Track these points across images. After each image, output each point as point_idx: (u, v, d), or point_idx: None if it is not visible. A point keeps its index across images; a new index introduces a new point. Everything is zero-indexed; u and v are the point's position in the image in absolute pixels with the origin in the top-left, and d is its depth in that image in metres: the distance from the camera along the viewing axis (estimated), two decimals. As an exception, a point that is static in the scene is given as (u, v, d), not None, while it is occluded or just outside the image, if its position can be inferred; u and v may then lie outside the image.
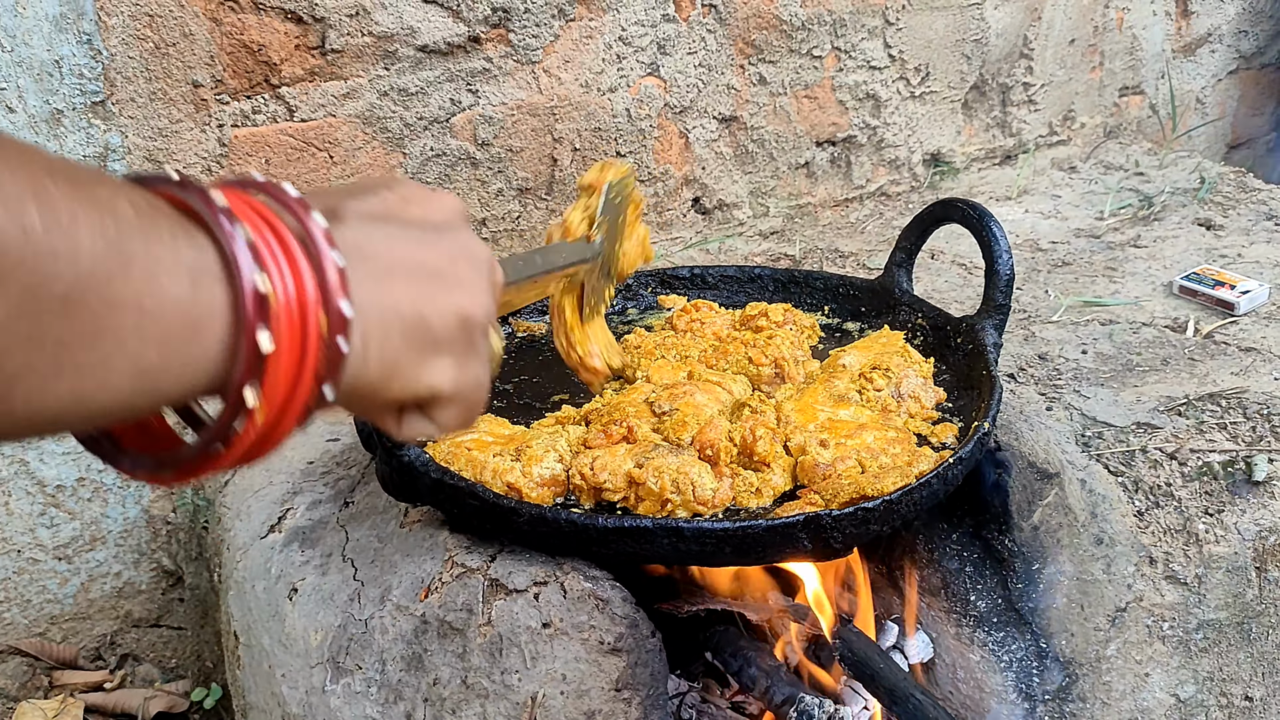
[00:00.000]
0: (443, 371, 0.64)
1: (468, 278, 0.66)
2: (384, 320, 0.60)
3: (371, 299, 0.59)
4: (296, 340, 0.55)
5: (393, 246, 0.62)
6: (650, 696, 1.09)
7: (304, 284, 0.55)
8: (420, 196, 0.68)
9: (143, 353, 0.50)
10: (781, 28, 1.99)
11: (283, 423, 0.57)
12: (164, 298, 0.50)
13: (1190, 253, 1.96)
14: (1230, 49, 2.69)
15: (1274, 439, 1.43)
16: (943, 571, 1.35)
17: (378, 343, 0.60)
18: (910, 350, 1.40)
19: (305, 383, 0.56)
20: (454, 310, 0.64)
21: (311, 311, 0.55)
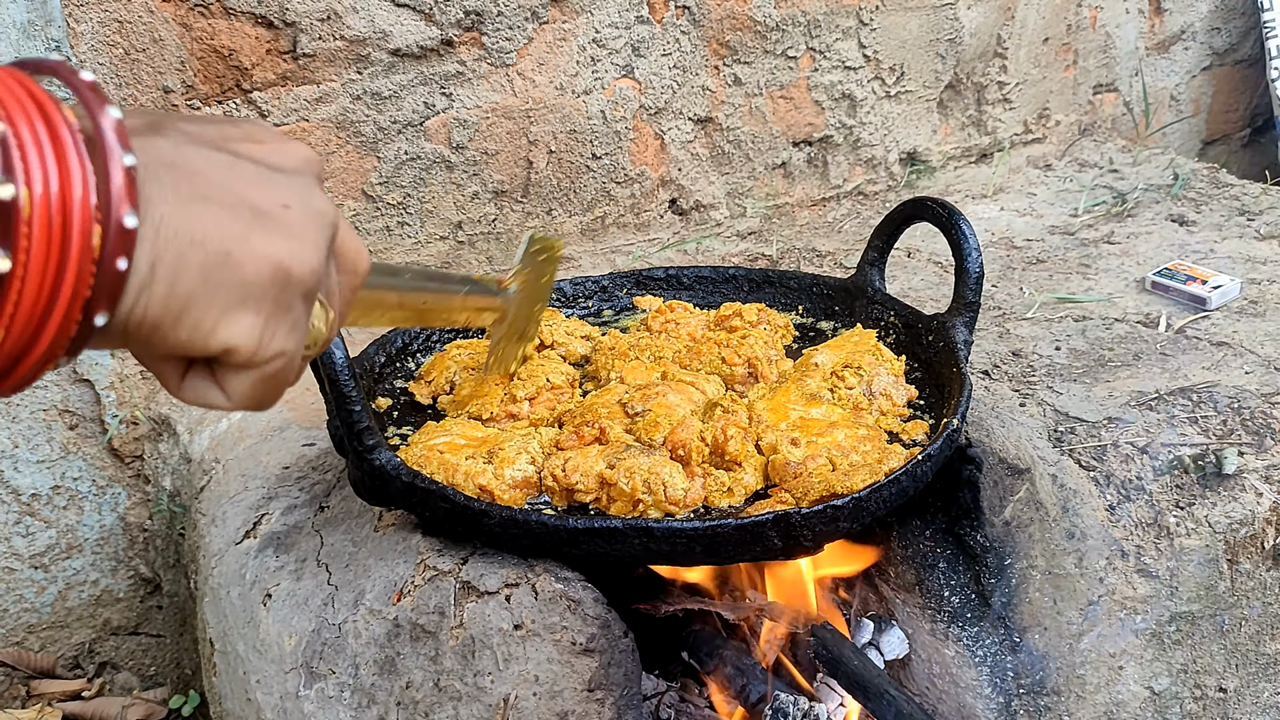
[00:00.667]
0: (242, 327, 0.54)
1: (298, 227, 0.56)
2: (180, 247, 0.51)
3: (171, 219, 0.50)
4: (53, 258, 0.46)
5: (214, 171, 0.53)
6: (624, 697, 1.09)
7: (71, 187, 0.46)
8: (269, 137, 0.59)
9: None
10: (755, 29, 2.00)
11: (30, 353, 0.48)
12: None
13: (1163, 249, 1.97)
14: (1203, 46, 2.71)
15: (1244, 432, 1.44)
16: (916, 568, 1.36)
17: (169, 271, 0.51)
18: (882, 348, 1.41)
19: (62, 308, 0.48)
20: (270, 258, 0.54)
21: (77, 221, 0.47)
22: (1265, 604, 1.42)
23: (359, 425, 1.11)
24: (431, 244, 1.85)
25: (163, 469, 1.69)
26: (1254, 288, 1.79)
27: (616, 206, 2.00)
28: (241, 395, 0.57)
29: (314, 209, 0.57)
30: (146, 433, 1.68)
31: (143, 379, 1.68)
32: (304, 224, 0.56)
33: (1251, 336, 1.64)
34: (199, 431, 1.61)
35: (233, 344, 0.54)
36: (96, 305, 0.48)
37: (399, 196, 1.79)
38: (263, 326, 0.55)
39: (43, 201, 0.46)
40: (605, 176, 1.97)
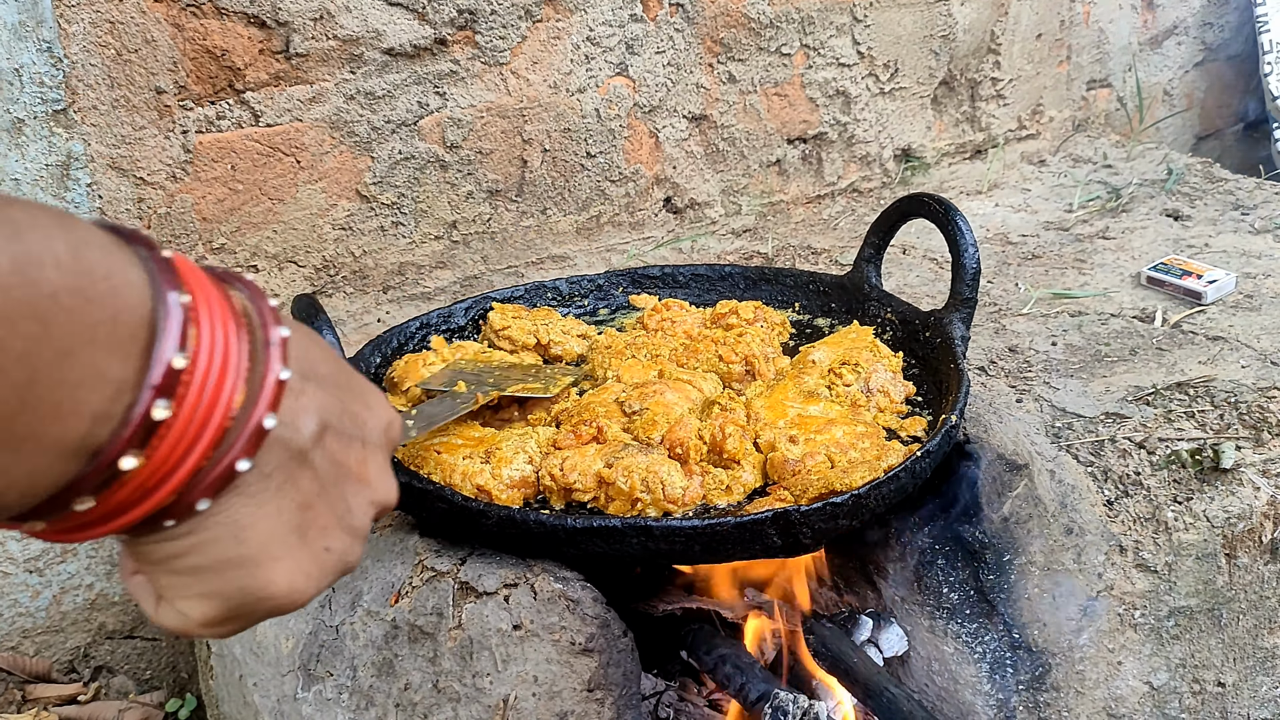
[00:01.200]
0: (200, 610, 0.58)
1: (317, 573, 0.61)
2: (220, 535, 0.55)
3: (245, 510, 0.56)
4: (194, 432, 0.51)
5: (306, 483, 0.59)
6: (623, 696, 1.09)
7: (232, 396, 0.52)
8: (374, 473, 0.64)
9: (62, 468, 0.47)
10: (750, 26, 2.00)
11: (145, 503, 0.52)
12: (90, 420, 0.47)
13: (1158, 243, 1.97)
14: (1196, 41, 2.71)
15: (1241, 426, 1.44)
16: (915, 565, 1.35)
17: (202, 540, 0.55)
18: (879, 345, 1.41)
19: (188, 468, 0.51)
20: (277, 592, 0.58)
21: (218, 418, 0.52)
22: (1263, 598, 1.42)
23: (355, 426, 1.11)
24: (426, 244, 1.84)
25: (158, 471, 1.68)
26: (1249, 281, 1.79)
27: (611, 205, 2.00)
28: (163, 623, 0.61)
29: (341, 561, 0.62)
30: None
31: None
32: (324, 572, 0.61)
33: (1247, 330, 1.64)
34: (194, 433, 1.60)
35: (185, 615, 0.58)
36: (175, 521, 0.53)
37: (393, 196, 1.78)
38: (218, 620, 0.58)
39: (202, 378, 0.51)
40: (600, 175, 1.96)
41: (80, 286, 0.45)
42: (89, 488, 0.49)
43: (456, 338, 1.52)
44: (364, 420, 0.64)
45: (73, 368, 0.45)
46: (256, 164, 1.65)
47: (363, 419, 0.64)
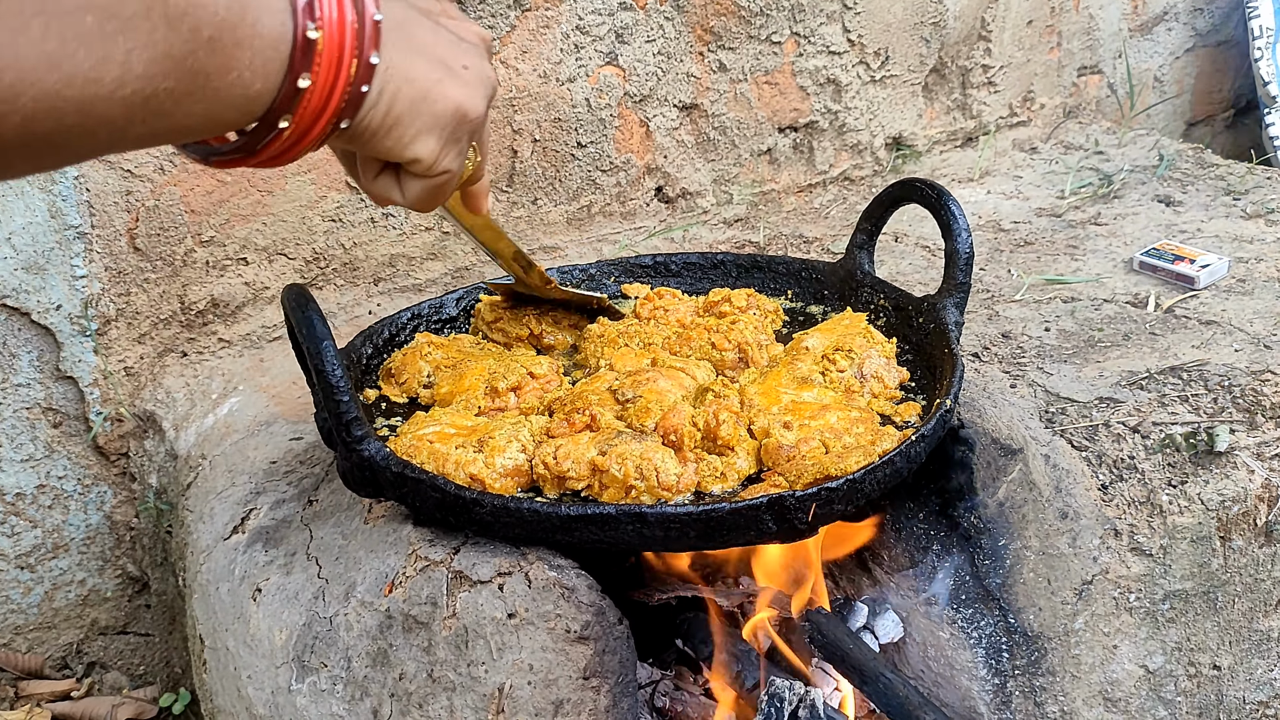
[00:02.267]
0: (427, 145, 0.79)
1: (474, 83, 0.81)
2: (399, 83, 0.75)
3: (397, 62, 0.74)
4: (329, 80, 0.69)
5: (424, 35, 0.78)
6: (619, 684, 1.08)
7: (344, 33, 0.69)
8: (458, 14, 0.86)
9: (252, 81, 0.65)
10: (740, 14, 1.99)
11: (303, 142, 0.72)
12: (266, 39, 0.65)
13: (1150, 229, 1.97)
14: (1186, 27, 2.71)
15: (1235, 410, 1.44)
16: (910, 550, 1.35)
17: (389, 97, 0.75)
18: (873, 331, 1.40)
19: (329, 115, 0.71)
20: (454, 100, 0.79)
21: (347, 59, 0.69)
22: (1258, 580, 1.42)
23: (347, 416, 1.10)
24: (416, 235, 1.84)
25: (149, 466, 1.67)
26: (1241, 266, 1.79)
27: (602, 195, 1.99)
28: (413, 196, 0.85)
29: (484, 73, 0.83)
30: (131, 430, 1.67)
31: (127, 375, 1.66)
32: (477, 82, 0.82)
33: (1240, 314, 1.64)
34: (185, 428, 1.59)
35: (418, 156, 0.79)
36: (345, 113, 0.72)
37: (383, 187, 1.77)
38: (440, 148, 0.80)
39: (328, 41, 0.68)
40: (591, 165, 1.95)
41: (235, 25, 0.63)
42: (285, 108, 0.68)
43: (448, 329, 1.51)
44: (452, 22, 0.84)
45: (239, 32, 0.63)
46: (245, 155, 1.64)
47: (451, 21, 0.84)
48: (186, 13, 0.58)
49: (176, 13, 0.58)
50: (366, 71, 0.71)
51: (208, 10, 0.60)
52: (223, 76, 0.62)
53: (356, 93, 0.71)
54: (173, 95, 0.60)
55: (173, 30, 0.58)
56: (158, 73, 0.58)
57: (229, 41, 0.62)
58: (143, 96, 0.58)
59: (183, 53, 0.59)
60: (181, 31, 0.58)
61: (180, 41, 0.58)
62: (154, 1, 0.57)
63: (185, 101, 0.61)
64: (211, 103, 0.63)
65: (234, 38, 0.62)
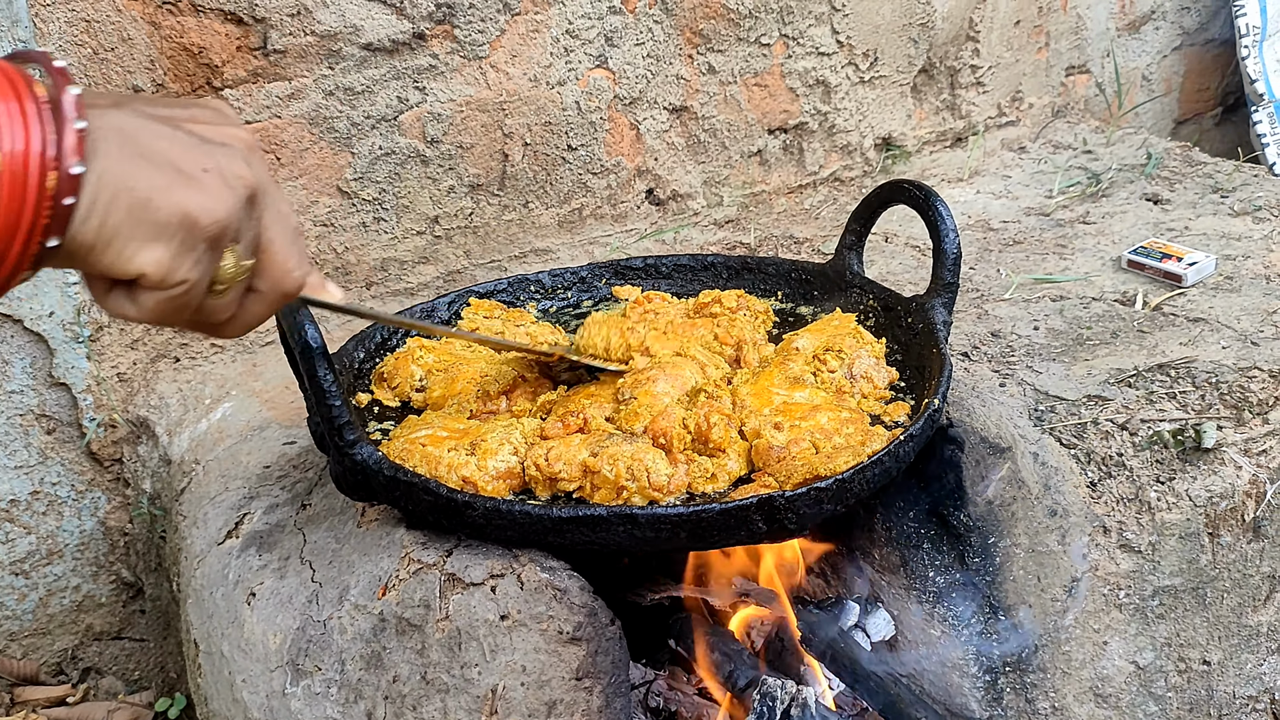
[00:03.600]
0: (152, 256, 0.69)
1: (212, 187, 0.71)
2: (115, 191, 0.67)
3: (111, 170, 0.67)
4: (18, 194, 0.63)
5: (154, 140, 0.70)
6: (611, 684, 1.09)
7: (31, 143, 0.63)
8: (212, 118, 0.76)
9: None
10: (729, 16, 2.00)
11: (3, 265, 0.64)
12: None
13: (1138, 227, 1.98)
14: (1174, 26, 2.73)
15: (1222, 407, 1.45)
16: (901, 549, 1.36)
17: (103, 209, 0.67)
18: (862, 331, 1.41)
19: (24, 231, 0.64)
20: (181, 206, 0.69)
21: (35, 169, 0.63)
22: (1246, 576, 1.43)
23: (340, 420, 1.11)
24: (408, 239, 1.84)
25: (142, 472, 1.67)
26: (1229, 263, 1.80)
27: (593, 198, 2.00)
28: (148, 311, 0.73)
29: (231, 174, 0.72)
30: (125, 436, 1.67)
31: (120, 381, 1.66)
32: (218, 185, 0.71)
33: (1227, 312, 1.65)
34: (178, 433, 1.60)
35: (144, 270, 0.69)
36: (51, 231, 0.65)
37: (374, 192, 1.78)
38: (170, 259, 0.70)
39: (9, 156, 0.62)
40: (581, 168, 1.96)
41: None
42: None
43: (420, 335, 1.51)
44: (200, 126, 0.74)
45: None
46: (236, 161, 1.64)
47: (180, 107, 0.75)
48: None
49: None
50: (70, 183, 0.65)
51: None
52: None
53: (59, 206, 0.65)
54: None
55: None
56: None
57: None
58: None
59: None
60: None
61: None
62: None
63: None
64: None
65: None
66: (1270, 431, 1.43)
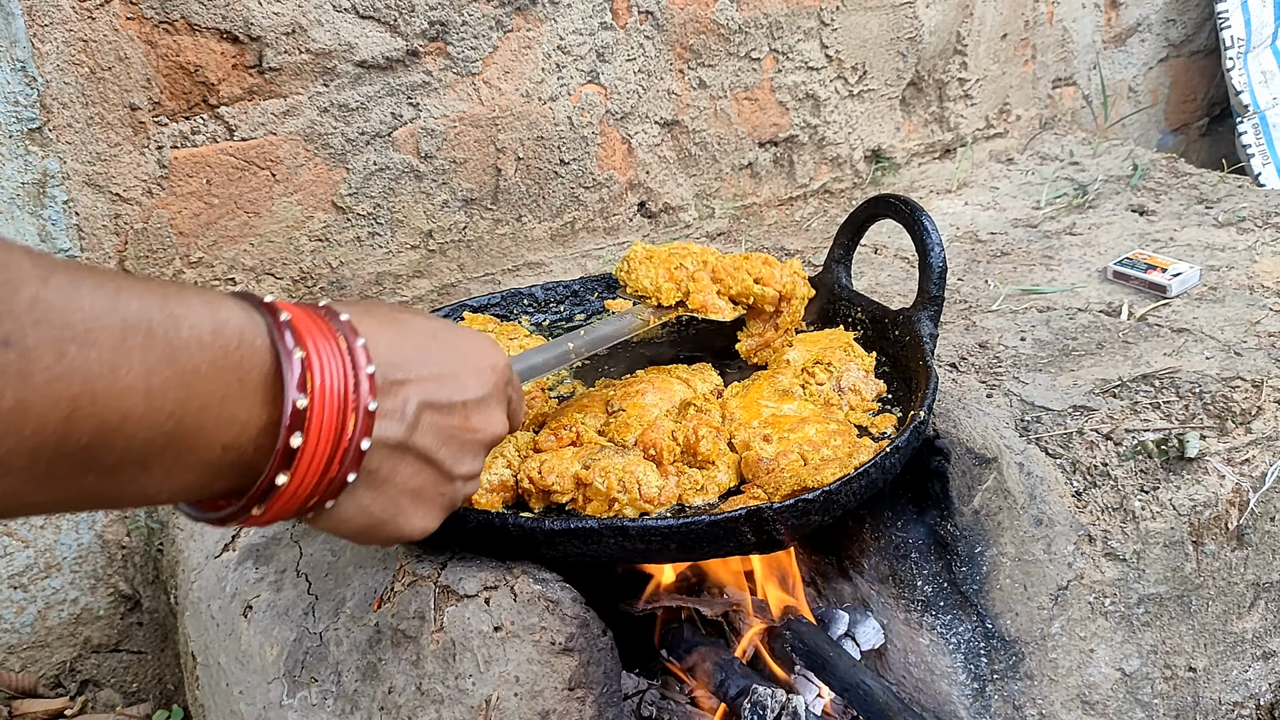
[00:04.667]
0: (357, 538, 0.82)
1: (433, 514, 0.85)
2: (353, 514, 0.78)
3: (360, 500, 0.77)
4: (307, 481, 0.71)
5: (403, 480, 0.79)
6: (604, 694, 1.11)
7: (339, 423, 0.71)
8: (486, 421, 0.86)
9: (208, 481, 0.67)
10: (719, 31, 2.02)
11: (288, 511, 0.73)
12: (220, 449, 0.65)
13: (1124, 238, 2.01)
14: (1159, 37, 2.76)
15: (1206, 416, 1.47)
16: (889, 559, 1.38)
17: (340, 519, 0.77)
18: (853, 344, 1.43)
19: (296, 504, 0.72)
20: (402, 535, 0.83)
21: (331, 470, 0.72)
22: (1231, 584, 1.45)
23: (335, 435, 1.12)
24: (402, 253, 1.86)
25: (139, 485, 1.68)
26: (1213, 274, 1.83)
27: (586, 211, 2.02)
28: None
29: (459, 497, 0.88)
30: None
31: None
32: (439, 511, 0.85)
33: (1211, 322, 1.67)
34: (175, 447, 1.61)
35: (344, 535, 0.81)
36: (307, 510, 0.74)
37: (369, 207, 1.80)
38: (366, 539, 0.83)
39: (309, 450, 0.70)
40: (574, 181, 1.98)
41: (215, 359, 0.63)
42: (257, 499, 0.70)
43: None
44: (462, 381, 0.83)
45: (209, 414, 0.63)
46: (232, 178, 1.66)
47: (460, 380, 0.83)
48: (88, 451, 0.58)
49: (73, 453, 0.57)
50: (337, 490, 0.74)
51: (116, 449, 0.59)
52: (122, 488, 0.62)
53: (319, 506, 0.74)
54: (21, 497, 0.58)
55: (57, 465, 0.57)
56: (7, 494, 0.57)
57: (135, 469, 0.62)
58: None
59: (64, 477, 0.58)
60: (72, 464, 0.58)
61: (66, 472, 0.58)
62: (43, 444, 0.55)
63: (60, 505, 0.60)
64: (101, 501, 0.62)
65: (144, 464, 0.62)
66: (1253, 441, 1.45)
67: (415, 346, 0.80)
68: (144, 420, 0.59)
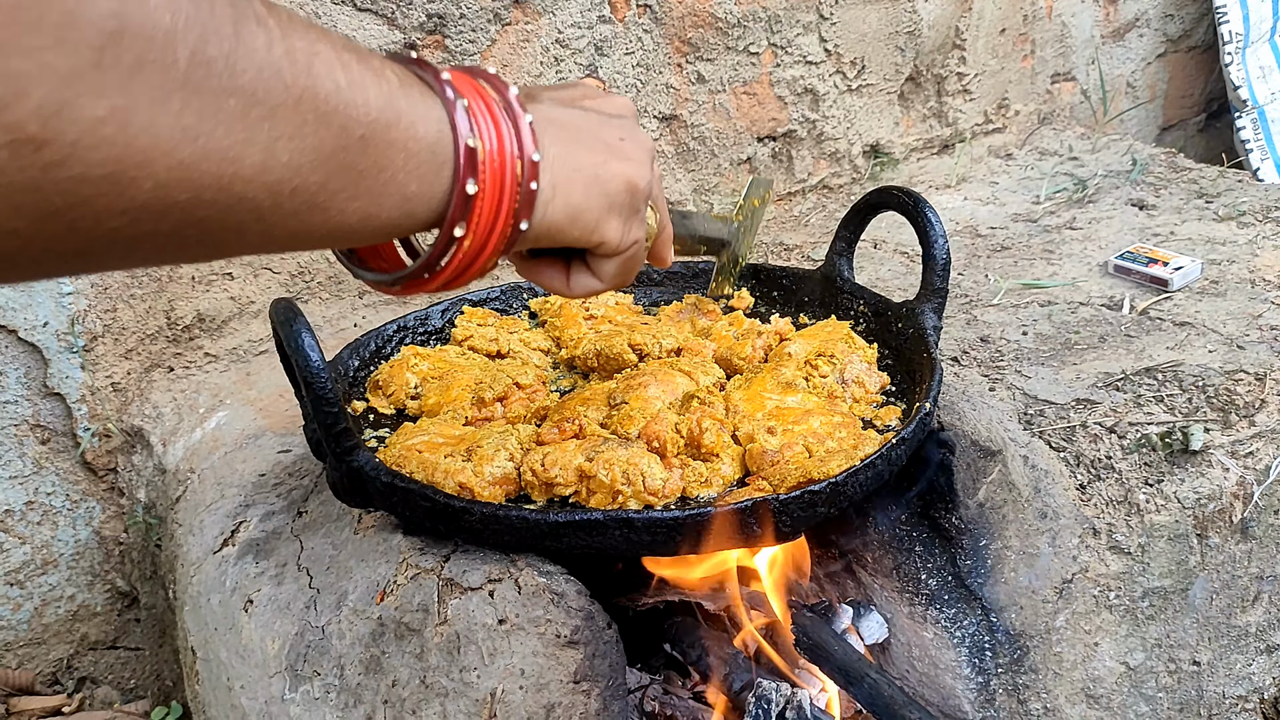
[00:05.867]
0: (612, 226, 0.82)
1: (635, 155, 0.84)
2: (568, 173, 0.78)
3: (558, 155, 0.77)
4: (497, 184, 0.71)
5: (576, 121, 0.81)
6: (609, 687, 1.10)
7: (503, 139, 0.71)
8: (597, 94, 0.88)
9: (407, 183, 0.66)
10: (717, 25, 2.02)
11: (485, 251, 0.74)
12: (422, 143, 0.66)
13: (1124, 233, 2.00)
14: (1158, 32, 2.76)
15: (1209, 409, 1.47)
16: (894, 552, 1.37)
17: (564, 190, 0.78)
18: (855, 336, 1.42)
19: (504, 218, 0.73)
20: (624, 176, 0.82)
21: (509, 162, 0.72)
22: (1235, 577, 1.44)
23: (336, 427, 1.12)
24: (401, 248, 1.85)
25: (137, 481, 1.68)
26: (1214, 268, 1.82)
27: (585, 206, 2.01)
28: (610, 276, 0.88)
29: (640, 140, 0.86)
30: (119, 445, 1.67)
31: (114, 391, 1.67)
32: (638, 150, 0.85)
33: (1213, 316, 1.67)
34: (173, 442, 1.60)
35: (608, 238, 0.83)
36: (522, 214, 0.74)
37: (367, 201, 1.79)
38: (623, 224, 0.84)
39: (490, 148, 0.71)
40: (573, 176, 1.97)
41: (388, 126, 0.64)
42: (459, 216, 0.71)
43: (434, 340, 1.53)
44: (595, 101, 0.88)
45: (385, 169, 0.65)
46: (230, 171, 1.65)
47: (571, 89, 0.88)
48: (338, 109, 0.59)
49: (328, 109, 0.59)
50: (531, 169, 0.74)
51: (360, 110, 0.61)
52: (376, 175, 0.64)
53: (528, 190, 0.74)
54: (325, 189, 0.60)
55: (323, 125, 0.59)
56: (305, 164, 0.59)
57: (382, 142, 0.63)
58: (290, 186, 0.59)
59: (332, 148, 0.60)
60: (332, 127, 0.59)
61: (330, 137, 0.59)
62: (303, 94, 0.58)
63: (338, 197, 0.62)
64: (366, 201, 0.64)
65: (387, 138, 0.63)
66: (1256, 434, 1.45)
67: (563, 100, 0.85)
68: (369, 90, 0.62)
